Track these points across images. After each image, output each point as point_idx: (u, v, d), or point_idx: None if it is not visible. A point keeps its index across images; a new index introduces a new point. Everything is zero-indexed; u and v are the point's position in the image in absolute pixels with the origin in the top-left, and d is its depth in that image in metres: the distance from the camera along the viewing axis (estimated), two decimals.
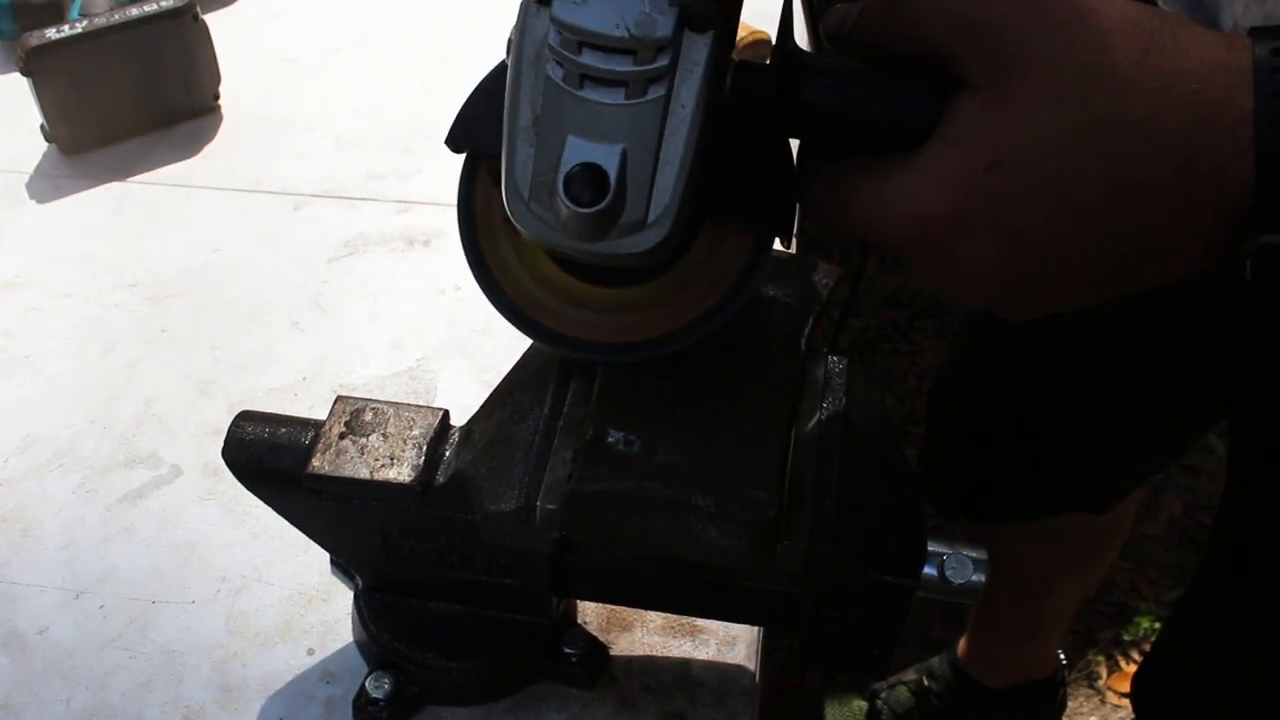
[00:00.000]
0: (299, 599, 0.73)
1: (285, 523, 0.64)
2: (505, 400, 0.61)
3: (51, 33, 0.94)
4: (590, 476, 0.54)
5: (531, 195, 0.46)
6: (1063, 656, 1.60)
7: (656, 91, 0.45)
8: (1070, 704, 1.68)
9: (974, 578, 0.58)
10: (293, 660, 0.70)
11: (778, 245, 0.55)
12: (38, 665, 0.70)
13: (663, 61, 0.44)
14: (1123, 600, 1.84)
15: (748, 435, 0.55)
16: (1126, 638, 1.80)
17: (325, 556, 0.68)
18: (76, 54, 0.95)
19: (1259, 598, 0.92)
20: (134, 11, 0.97)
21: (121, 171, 1.01)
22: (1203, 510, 1.91)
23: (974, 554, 0.58)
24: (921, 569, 0.57)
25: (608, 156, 0.45)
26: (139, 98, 1.01)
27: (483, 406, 0.62)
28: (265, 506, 0.64)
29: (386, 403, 0.62)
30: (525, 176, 0.46)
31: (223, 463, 0.61)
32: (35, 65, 0.94)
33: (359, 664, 0.69)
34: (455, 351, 0.88)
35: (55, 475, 0.79)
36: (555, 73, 0.45)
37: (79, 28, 0.95)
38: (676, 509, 0.53)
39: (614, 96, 0.45)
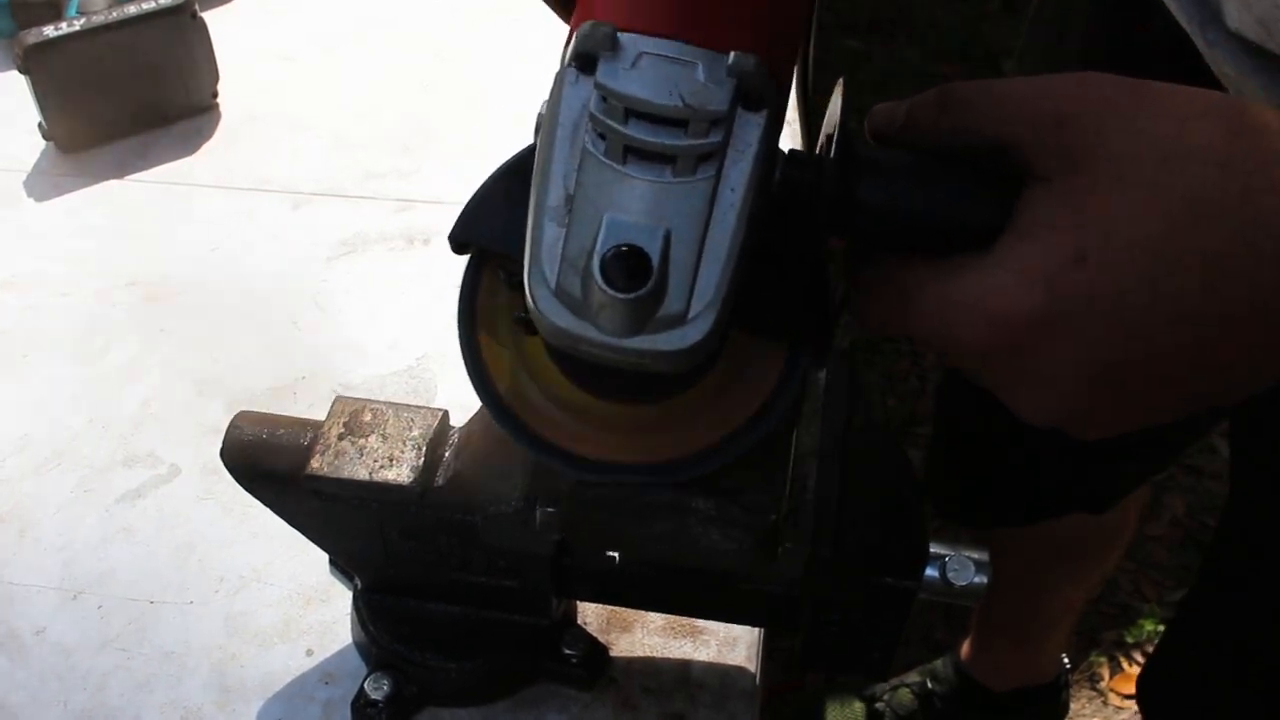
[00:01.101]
0: (298, 599, 0.73)
1: (284, 523, 0.64)
2: None
3: (49, 30, 0.94)
4: None
5: (560, 281, 0.42)
6: (1066, 659, 1.60)
7: (706, 171, 0.41)
8: (1073, 706, 1.68)
9: (976, 579, 0.58)
10: (291, 661, 0.70)
11: None
12: (35, 666, 0.69)
13: (716, 137, 0.41)
14: (1126, 602, 1.83)
15: None
16: (1129, 639, 1.79)
17: (324, 557, 0.68)
18: (74, 52, 0.95)
19: (1262, 598, 0.91)
20: (132, 9, 0.96)
21: (119, 170, 1.01)
22: (1206, 511, 1.91)
23: (976, 555, 0.58)
24: (923, 571, 0.57)
25: (650, 239, 0.41)
26: (137, 96, 1.00)
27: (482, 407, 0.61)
28: (264, 507, 0.63)
29: (385, 403, 0.62)
30: (553, 260, 0.42)
31: (221, 462, 0.61)
32: (33, 63, 0.94)
33: (358, 665, 0.69)
34: (455, 351, 0.86)
35: (53, 475, 0.79)
36: (595, 146, 0.42)
37: (77, 25, 0.95)
38: (676, 512, 0.53)
39: (659, 174, 0.41)
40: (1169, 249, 0.41)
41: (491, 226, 0.47)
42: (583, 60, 0.42)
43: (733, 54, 0.41)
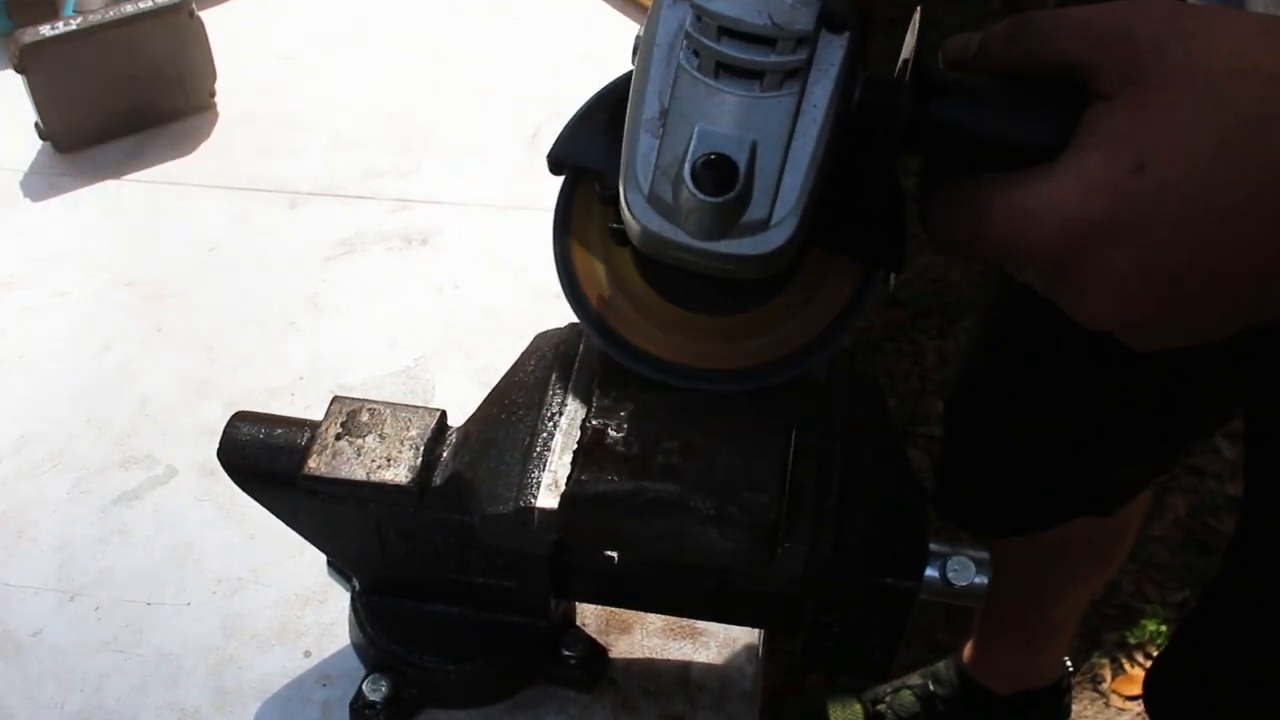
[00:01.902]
0: (295, 601, 0.72)
1: (282, 524, 0.64)
2: (503, 400, 0.60)
3: (46, 29, 0.94)
4: (589, 478, 0.53)
5: (653, 188, 0.45)
6: (1068, 661, 1.60)
7: (791, 88, 0.45)
8: (1075, 708, 1.68)
9: (976, 579, 0.57)
10: (289, 663, 0.69)
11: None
12: (32, 668, 0.69)
13: (801, 55, 0.44)
14: (1127, 603, 1.83)
15: (748, 437, 0.54)
16: (1131, 640, 1.79)
17: (322, 558, 0.68)
18: (71, 51, 0.94)
19: (1275, 600, 0.91)
20: (129, 8, 0.96)
21: (116, 169, 1.00)
22: (1208, 512, 1.90)
23: (976, 555, 0.58)
24: (923, 571, 0.57)
25: (737, 148, 0.44)
26: (134, 95, 1.00)
27: (480, 407, 0.61)
28: (261, 508, 0.63)
29: (383, 403, 0.62)
30: (647, 169, 0.46)
31: (218, 463, 0.61)
32: (29, 62, 0.93)
33: (356, 666, 0.68)
34: (453, 351, 0.87)
35: (50, 476, 0.79)
36: (689, 62, 0.45)
37: (73, 24, 0.94)
38: (675, 511, 0.52)
39: (748, 88, 0.45)
40: (1224, 160, 0.43)
41: (586, 146, 0.51)
42: None
43: None
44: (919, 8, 0.52)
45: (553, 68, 1.10)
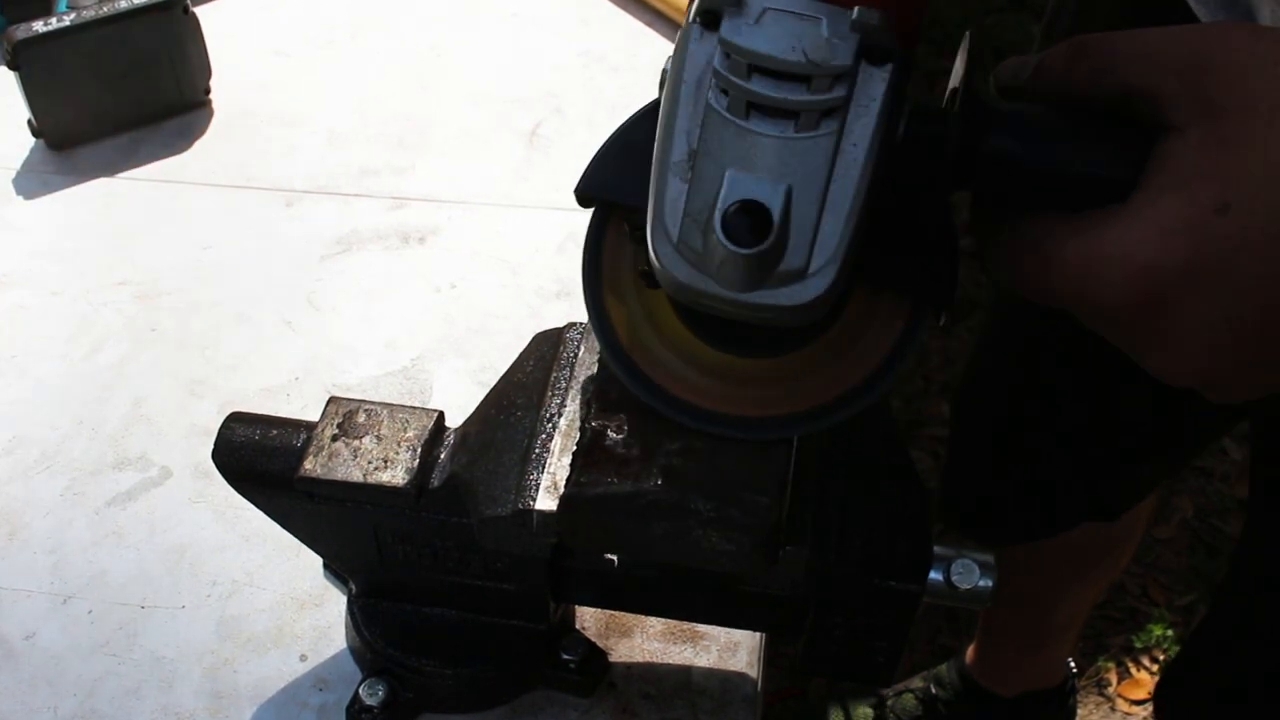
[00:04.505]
0: (291, 604, 0.72)
1: (277, 526, 0.63)
2: (501, 401, 0.60)
3: (39, 25, 0.93)
4: (588, 480, 0.52)
5: (682, 236, 0.43)
6: (1072, 664, 1.59)
7: (829, 126, 0.42)
8: (1080, 711, 1.67)
9: (981, 583, 0.57)
10: (285, 666, 0.69)
11: None
12: (25, 672, 0.68)
13: (839, 93, 0.41)
14: (1133, 606, 1.82)
15: None
16: (1137, 644, 1.78)
17: (318, 560, 0.67)
18: (64, 47, 0.94)
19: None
20: (123, 4, 0.95)
21: (110, 167, 1.00)
22: (1215, 514, 1.90)
23: (981, 558, 0.57)
24: (927, 574, 0.56)
25: (771, 194, 0.42)
26: (128, 92, 0.99)
27: (478, 408, 0.61)
28: (257, 509, 0.62)
29: (380, 404, 0.61)
30: (676, 215, 0.43)
31: (213, 465, 0.60)
32: (22, 59, 0.93)
33: (352, 670, 0.68)
34: (450, 351, 0.86)
35: (42, 477, 0.78)
36: (718, 101, 0.42)
37: (67, 20, 0.94)
38: (676, 513, 0.52)
39: (782, 129, 0.42)
40: None
41: (616, 180, 0.48)
42: (707, 16, 0.43)
43: (856, 9, 0.41)
44: (968, 32, 0.49)
45: (552, 66, 1.10)
